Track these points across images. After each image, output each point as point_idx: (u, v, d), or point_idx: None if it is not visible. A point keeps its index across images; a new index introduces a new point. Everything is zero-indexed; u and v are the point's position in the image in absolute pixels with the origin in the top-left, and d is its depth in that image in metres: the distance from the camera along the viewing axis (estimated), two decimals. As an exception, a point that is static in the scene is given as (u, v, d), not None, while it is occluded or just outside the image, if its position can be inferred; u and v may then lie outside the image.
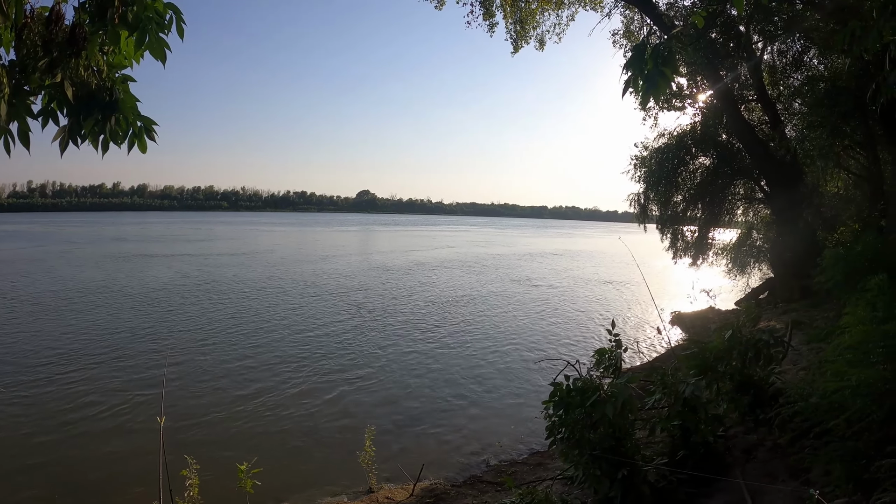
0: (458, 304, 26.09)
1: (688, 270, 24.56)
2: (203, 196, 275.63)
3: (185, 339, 17.77)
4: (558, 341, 19.19)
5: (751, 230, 24.42)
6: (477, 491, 8.66)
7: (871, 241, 10.86)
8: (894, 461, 4.25)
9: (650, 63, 3.56)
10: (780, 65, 20.69)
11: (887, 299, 5.82)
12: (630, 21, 23.17)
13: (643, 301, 27.23)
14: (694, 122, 22.69)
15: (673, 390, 6.49)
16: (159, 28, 3.32)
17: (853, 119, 15.20)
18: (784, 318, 14.25)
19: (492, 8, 22.10)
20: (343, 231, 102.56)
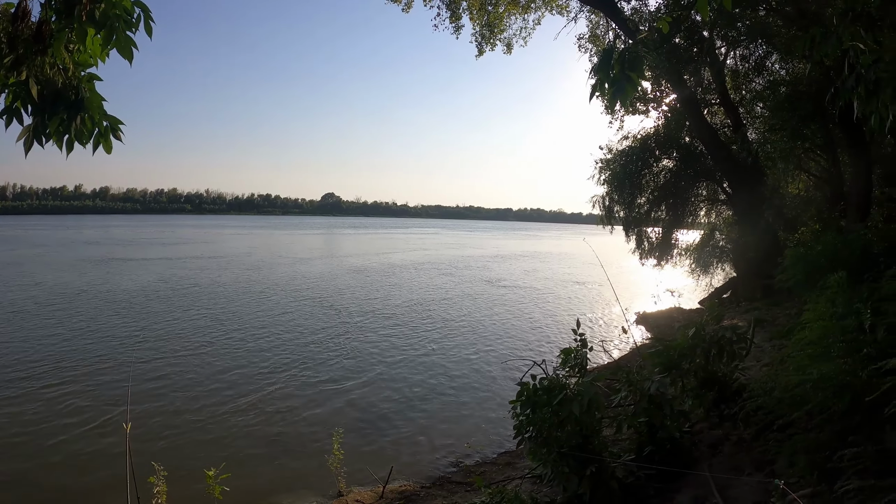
0: (428, 305, 26.05)
1: (653, 271, 24.85)
2: (166, 199, 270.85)
3: (153, 344, 17.41)
4: (528, 341, 19.25)
5: (714, 231, 24.82)
6: (447, 492, 8.65)
7: (831, 241, 11.10)
8: (855, 451, 4.34)
9: (617, 68, 3.59)
10: (742, 69, 21.06)
11: (846, 296, 5.95)
12: (596, 25, 23.46)
13: (609, 301, 27.47)
14: (658, 125, 22.99)
15: (638, 388, 6.57)
16: (127, 26, 3.26)
17: (813, 122, 15.54)
18: (747, 316, 14.49)
19: (458, 11, 22.22)
20: (311, 234, 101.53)
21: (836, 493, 4.13)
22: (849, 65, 4.95)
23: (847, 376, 4.78)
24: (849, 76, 4.95)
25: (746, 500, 5.47)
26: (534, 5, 22.91)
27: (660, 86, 21.57)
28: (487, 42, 22.95)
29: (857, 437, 4.51)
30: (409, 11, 22.57)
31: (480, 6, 22.12)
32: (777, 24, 16.35)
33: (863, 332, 5.12)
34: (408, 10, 22.51)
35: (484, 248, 73.98)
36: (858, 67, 4.82)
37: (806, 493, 4.61)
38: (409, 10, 22.52)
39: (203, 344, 17.53)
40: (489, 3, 22.16)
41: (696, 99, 20.57)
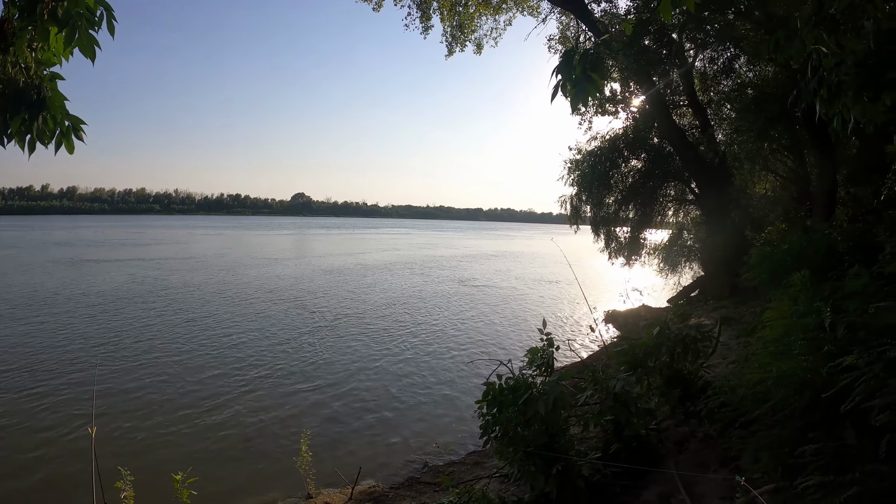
0: (400, 306, 25.99)
1: (622, 270, 25.05)
2: (135, 199, 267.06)
3: (121, 346, 17.13)
4: (499, 341, 19.30)
5: (682, 230, 25.14)
6: (415, 492, 8.63)
7: (797, 240, 11.28)
8: (816, 447, 4.39)
9: (578, 68, 3.59)
10: (710, 72, 21.29)
11: (808, 294, 6.04)
12: (566, 27, 23.56)
13: (579, 300, 27.65)
14: (626, 125, 23.17)
15: (604, 386, 6.59)
16: (90, 25, 3.22)
17: (780, 124, 15.75)
18: (714, 314, 14.69)
19: (429, 11, 22.20)
20: (283, 235, 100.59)
21: (797, 490, 4.18)
22: (811, 67, 5.02)
23: (808, 373, 4.85)
24: (811, 78, 5.02)
25: (712, 496, 5.52)
26: (505, 6, 23.01)
27: (629, 87, 21.72)
28: (458, 42, 22.98)
29: (818, 433, 4.57)
30: (379, 11, 22.52)
31: (451, 7, 22.14)
32: (745, 27, 16.56)
33: (823, 329, 5.20)
34: (378, 9, 22.44)
35: (456, 248, 74.12)
36: (821, 70, 4.89)
37: (769, 489, 4.66)
38: (379, 10, 22.47)
39: (172, 346, 17.30)
40: (460, 4, 22.17)
41: (665, 100, 20.78)
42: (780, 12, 14.17)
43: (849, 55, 4.70)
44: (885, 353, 4.29)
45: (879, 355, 4.28)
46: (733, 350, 10.37)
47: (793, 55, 5.04)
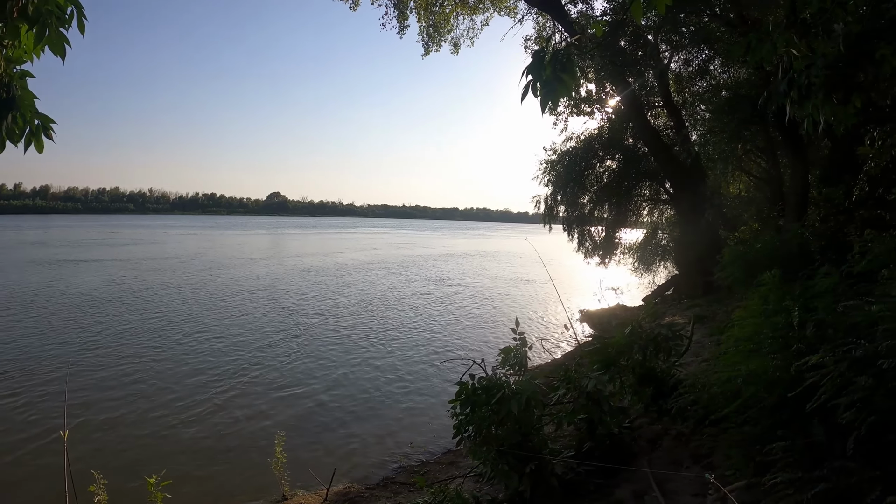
0: (377, 306, 25.96)
1: (598, 269, 25.20)
2: (109, 198, 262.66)
3: (94, 348, 16.89)
4: (475, 340, 19.34)
5: (656, 230, 25.42)
6: (390, 492, 8.62)
7: (769, 240, 11.44)
8: (784, 444, 4.44)
9: (549, 69, 3.59)
10: (685, 73, 21.48)
11: (778, 293, 6.11)
12: (542, 27, 23.58)
13: (554, 299, 27.78)
14: (602, 126, 23.32)
15: (577, 385, 6.62)
16: (60, 22, 3.18)
17: (753, 125, 15.93)
18: (688, 312, 14.82)
19: (406, 11, 22.13)
20: (260, 235, 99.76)
21: (765, 486, 4.22)
22: (782, 70, 5.08)
23: (777, 372, 4.90)
24: (782, 80, 5.08)
25: (685, 493, 5.56)
26: (482, 6, 23.01)
27: (604, 88, 21.86)
28: (434, 42, 22.93)
29: (787, 431, 4.63)
30: (356, 10, 22.40)
31: (427, 6, 22.08)
32: (720, 30, 16.73)
33: (792, 328, 5.25)
34: (355, 7, 22.32)
35: (433, 248, 74.23)
36: (791, 72, 4.94)
37: (741, 486, 4.71)
38: (356, 9, 22.35)
39: (147, 347, 17.12)
40: (436, 4, 22.14)
41: (640, 101, 20.91)
42: (754, 15, 14.35)
43: (819, 58, 4.75)
44: (850, 351, 4.35)
45: (845, 354, 4.34)
46: (706, 348, 10.47)
47: (764, 57, 5.10)
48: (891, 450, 3.96)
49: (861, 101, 4.83)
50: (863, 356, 4.25)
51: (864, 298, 5.07)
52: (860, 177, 11.43)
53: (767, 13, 13.10)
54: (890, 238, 6.14)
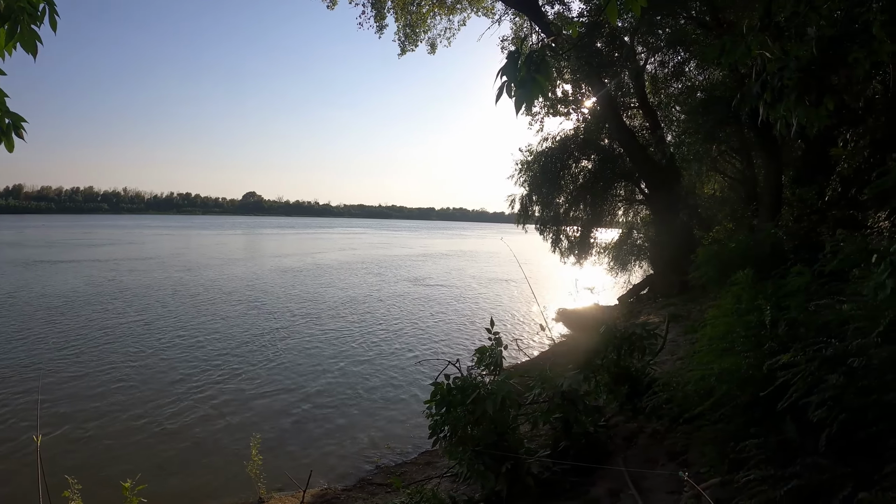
0: (354, 306, 25.81)
1: (573, 268, 25.30)
2: (82, 198, 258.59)
3: (68, 350, 16.56)
4: (452, 340, 19.31)
5: (631, 229, 25.60)
6: (367, 493, 8.59)
7: (743, 239, 11.57)
8: (757, 441, 4.49)
9: (523, 70, 3.59)
10: (661, 74, 21.63)
11: (751, 292, 6.18)
12: (519, 28, 23.63)
13: (531, 299, 27.87)
14: (577, 126, 23.37)
15: (552, 384, 6.65)
16: (32, 19, 3.11)
17: (728, 126, 16.09)
18: (663, 311, 14.95)
19: (383, 10, 22.06)
20: (237, 235, 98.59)
21: (739, 483, 4.27)
22: (756, 72, 5.13)
23: (750, 370, 4.97)
24: (755, 82, 5.13)
25: (660, 490, 5.60)
26: (459, 6, 23.02)
27: (580, 89, 21.92)
28: (410, 41, 22.88)
29: (760, 428, 4.69)
30: (333, 8, 22.28)
31: (404, 5, 22.03)
32: (695, 32, 16.88)
33: (764, 327, 5.32)
34: (332, 6, 22.20)
35: (411, 248, 74.04)
36: (765, 74, 5.00)
37: (715, 483, 4.76)
38: (333, 7, 22.23)
39: (123, 349, 16.83)
40: (413, 3, 22.09)
41: (616, 102, 21.04)
42: (729, 18, 14.51)
43: (792, 60, 4.81)
44: (821, 350, 4.42)
45: (816, 352, 4.40)
46: (681, 347, 10.55)
47: (738, 60, 5.15)
48: (862, 447, 4.03)
49: (833, 104, 4.89)
50: (833, 355, 4.32)
51: (836, 298, 5.15)
52: (833, 177, 11.61)
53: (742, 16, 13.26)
54: (861, 238, 6.23)
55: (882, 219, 9.05)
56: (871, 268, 4.63)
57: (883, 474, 3.65)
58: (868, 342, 4.09)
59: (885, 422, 3.87)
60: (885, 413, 3.87)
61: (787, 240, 11.12)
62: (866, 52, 4.89)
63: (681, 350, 10.34)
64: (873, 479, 3.68)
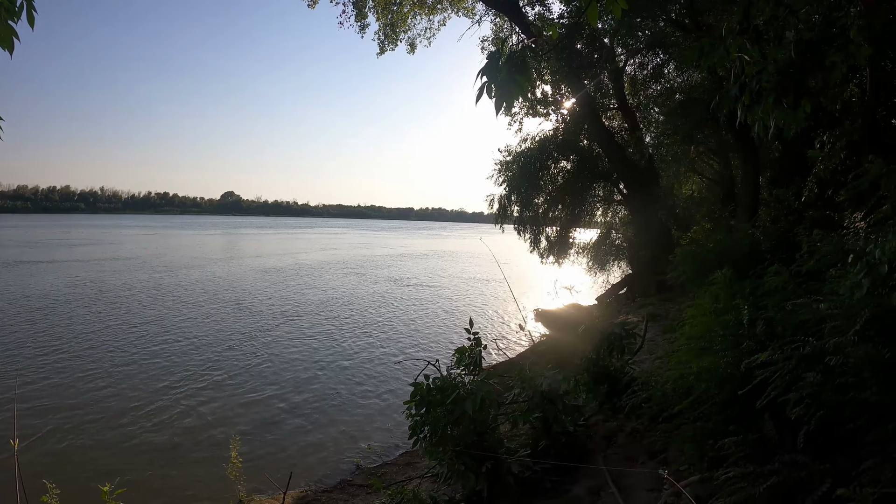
0: (335, 306, 25.73)
1: (553, 268, 25.40)
2: (59, 197, 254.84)
3: (45, 352, 16.27)
4: (433, 340, 19.33)
5: (610, 230, 25.79)
6: (347, 495, 8.57)
7: (721, 239, 11.68)
8: (735, 439, 4.53)
9: (504, 70, 3.59)
10: (640, 76, 21.80)
11: (728, 292, 6.25)
12: (500, 29, 23.70)
13: (510, 299, 27.95)
14: (557, 127, 23.46)
15: (531, 384, 6.67)
16: (8, 15, 3.05)
17: (706, 128, 16.25)
18: (641, 311, 15.07)
19: (364, 9, 22.00)
20: (217, 235, 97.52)
21: (718, 481, 4.30)
22: (734, 74, 5.18)
23: (728, 369, 5.02)
24: (734, 85, 5.18)
25: (640, 488, 5.64)
26: (440, 6, 23.02)
27: (560, 90, 22.00)
28: (390, 40, 22.84)
29: (738, 426, 4.73)
30: (314, 7, 22.20)
31: (386, 5, 21.99)
32: (675, 34, 17.02)
33: (742, 326, 5.38)
34: (313, 5, 22.13)
35: (392, 248, 74.09)
36: (743, 77, 5.04)
37: (695, 480, 4.79)
38: (314, 6, 22.16)
39: (102, 352, 16.57)
40: (394, 3, 22.06)
41: (595, 103, 21.15)
42: (708, 21, 14.64)
43: (770, 63, 4.86)
44: (798, 348, 4.47)
45: (793, 351, 4.46)
46: (660, 346, 10.64)
47: (717, 62, 5.19)
48: (841, 443, 4.08)
49: (811, 106, 4.95)
50: (811, 353, 4.37)
51: (813, 297, 5.22)
52: (810, 179, 11.76)
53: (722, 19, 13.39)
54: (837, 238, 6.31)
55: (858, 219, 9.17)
56: (848, 267, 4.70)
57: (861, 470, 3.70)
58: (845, 340, 4.14)
59: (862, 419, 3.92)
60: (862, 410, 3.92)
61: (764, 240, 11.24)
62: (843, 55, 4.95)
63: (659, 349, 10.42)
64: (851, 475, 3.72)
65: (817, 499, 3.68)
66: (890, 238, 4.33)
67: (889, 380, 3.84)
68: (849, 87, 11.57)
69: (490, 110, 3.48)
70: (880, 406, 3.83)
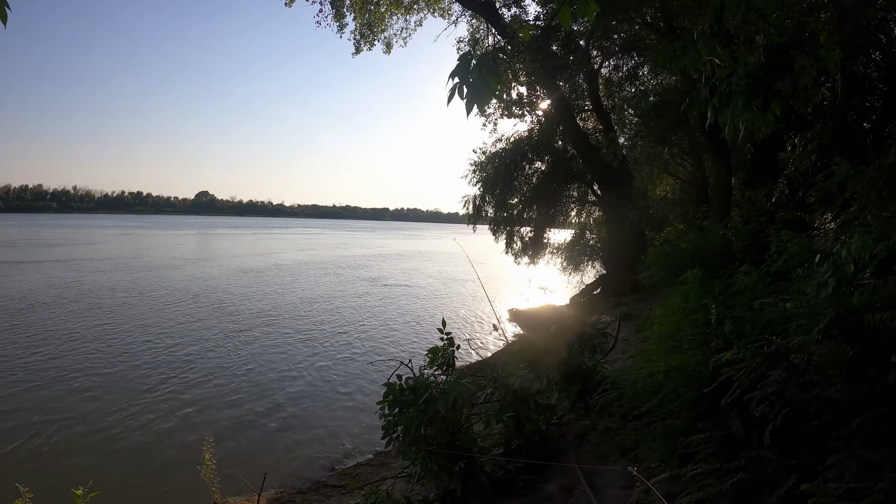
0: (312, 306, 25.64)
1: (528, 268, 25.51)
2: (31, 196, 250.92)
3: (16, 354, 16.01)
4: (406, 340, 19.34)
5: (584, 230, 25.97)
6: (322, 496, 8.55)
7: (693, 240, 11.84)
8: (702, 436, 4.60)
9: (475, 72, 3.62)
10: (615, 78, 21.97)
11: (698, 292, 6.34)
12: (476, 30, 23.71)
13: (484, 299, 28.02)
14: (532, 128, 23.55)
15: (503, 384, 6.71)
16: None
17: (679, 130, 16.45)
18: (615, 311, 15.17)
19: (342, 9, 21.92)
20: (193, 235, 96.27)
21: (685, 477, 4.36)
22: (706, 77, 5.25)
23: (697, 367, 5.09)
24: (704, 87, 5.25)
25: (612, 486, 5.69)
26: (416, 6, 23.01)
27: (535, 91, 22.08)
28: (366, 40, 22.76)
29: (706, 423, 4.80)
30: (291, 6, 22.06)
31: (363, 4, 21.94)
32: (650, 37, 17.19)
33: (710, 325, 5.47)
34: (290, 4, 22.00)
35: (370, 248, 74.27)
36: (713, 80, 5.11)
37: (665, 477, 4.85)
38: (291, 5, 22.02)
39: (74, 353, 16.30)
40: (371, 2, 22.02)
41: (570, 104, 21.26)
42: (683, 24, 14.80)
43: (740, 66, 4.93)
44: (762, 347, 4.55)
45: (758, 349, 4.54)
46: (633, 345, 10.72)
47: (688, 65, 5.26)
48: (807, 440, 4.16)
49: (781, 109, 5.02)
50: (775, 351, 4.45)
51: (780, 296, 5.30)
52: (781, 180, 11.95)
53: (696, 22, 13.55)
54: (806, 239, 6.42)
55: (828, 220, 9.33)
56: (815, 267, 4.79)
57: (825, 466, 3.78)
58: (809, 339, 4.22)
59: (827, 415, 3.99)
60: (827, 407, 4.00)
61: (735, 240, 11.40)
62: (813, 59, 5.04)
63: (632, 348, 10.51)
64: (817, 470, 3.80)
65: (783, 494, 3.74)
66: (855, 238, 4.43)
67: (853, 377, 3.92)
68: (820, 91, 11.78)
69: (463, 112, 3.47)
70: (845, 403, 3.91)
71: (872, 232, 4.40)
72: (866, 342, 3.92)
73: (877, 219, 4.68)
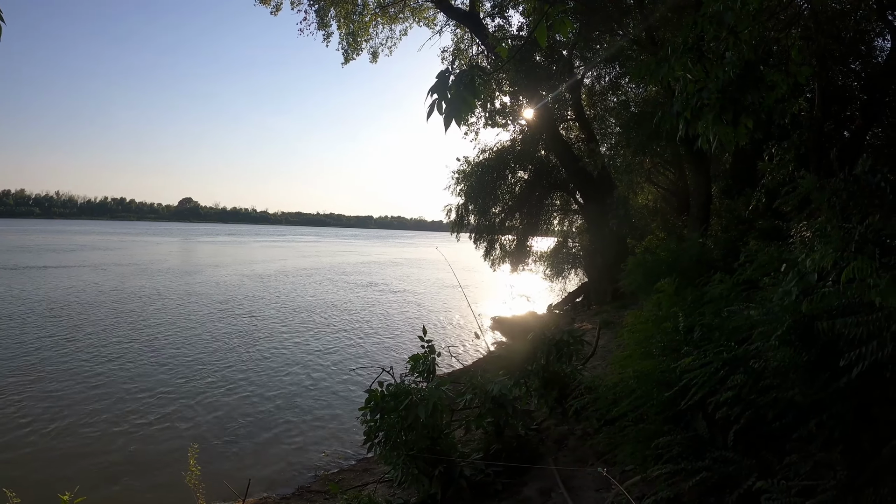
0: (301, 313, 25.67)
1: (511, 276, 25.67)
2: (13, 201, 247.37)
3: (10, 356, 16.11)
4: (390, 347, 19.40)
5: (566, 238, 26.19)
6: (306, 501, 8.63)
7: (671, 249, 12.05)
8: (668, 438, 4.79)
9: (454, 88, 3.76)
10: (598, 88, 22.26)
11: (670, 300, 6.54)
12: (460, 40, 23.99)
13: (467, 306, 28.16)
14: (515, 138, 23.84)
15: (482, 390, 6.86)
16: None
17: (660, 140, 16.69)
18: (596, 318, 15.38)
19: (326, 18, 22.06)
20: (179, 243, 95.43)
21: (650, 478, 4.54)
22: (678, 90, 5.45)
23: (666, 373, 5.28)
24: (676, 100, 5.44)
25: (589, 488, 5.86)
26: (402, 16, 23.22)
27: (518, 100, 22.30)
28: (353, 49, 22.94)
29: (673, 426, 5.00)
30: (277, 14, 22.20)
31: (347, 14, 22.10)
32: (631, 48, 17.45)
33: (678, 333, 5.67)
34: (276, 13, 22.13)
35: (368, 256, 74.94)
36: (685, 94, 5.30)
37: (638, 480, 5.02)
38: (277, 14, 22.16)
39: (58, 361, 16.22)
40: (356, 12, 22.18)
41: (553, 114, 21.48)
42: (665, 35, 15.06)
43: (712, 81, 5.12)
44: (721, 353, 4.76)
45: (716, 355, 4.75)
46: (612, 352, 10.91)
47: (664, 79, 5.44)
48: (769, 441, 4.36)
49: (752, 123, 5.21)
50: (734, 357, 4.66)
51: (746, 304, 5.51)
52: (759, 189, 12.19)
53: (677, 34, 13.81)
54: (776, 248, 6.63)
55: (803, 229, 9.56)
56: (780, 276, 4.99)
57: (784, 465, 3.99)
58: (768, 345, 4.41)
59: (788, 417, 4.20)
60: (788, 409, 4.20)
61: (714, 249, 11.62)
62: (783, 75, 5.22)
63: (611, 355, 10.71)
64: (775, 469, 4.01)
65: (743, 492, 3.94)
66: (818, 249, 4.63)
67: (810, 381, 4.12)
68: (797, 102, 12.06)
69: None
70: (803, 405, 4.11)
71: (833, 242, 4.59)
72: (821, 348, 4.12)
73: (836, 230, 4.87)
